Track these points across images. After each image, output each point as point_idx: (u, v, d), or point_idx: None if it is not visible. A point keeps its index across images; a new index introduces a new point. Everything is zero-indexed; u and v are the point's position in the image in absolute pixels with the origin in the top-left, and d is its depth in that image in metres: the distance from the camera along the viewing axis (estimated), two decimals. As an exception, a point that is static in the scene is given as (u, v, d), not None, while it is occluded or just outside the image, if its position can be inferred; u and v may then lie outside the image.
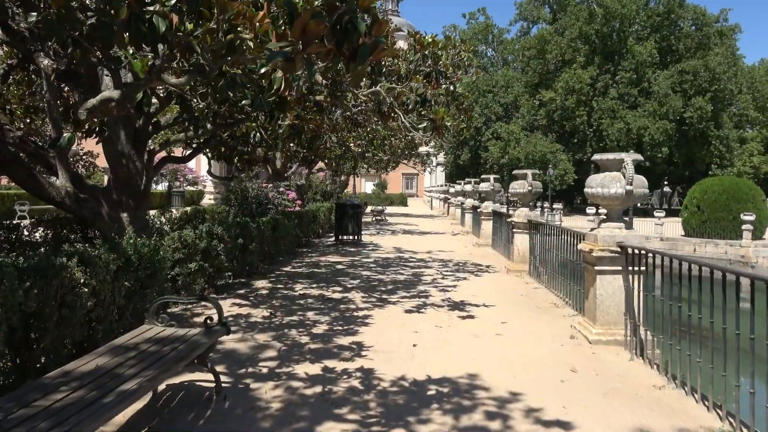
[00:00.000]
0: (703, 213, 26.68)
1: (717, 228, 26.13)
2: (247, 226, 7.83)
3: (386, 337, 5.03)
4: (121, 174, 7.51)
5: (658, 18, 41.79)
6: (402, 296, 7.08)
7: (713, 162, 40.28)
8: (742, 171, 41.21)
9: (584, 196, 40.95)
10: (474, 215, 16.46)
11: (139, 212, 7.66)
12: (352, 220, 13.06)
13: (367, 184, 57.08)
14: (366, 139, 16.45)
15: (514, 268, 9.14)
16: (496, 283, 8.29)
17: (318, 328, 5.31)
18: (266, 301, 6.52)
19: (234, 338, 4.87)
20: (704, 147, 39.84)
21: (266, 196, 12.50)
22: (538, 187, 8.97)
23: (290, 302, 6.48)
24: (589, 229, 5.46)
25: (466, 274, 9.11)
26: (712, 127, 39.09)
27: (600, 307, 5.02)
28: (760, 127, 45.92)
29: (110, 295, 4.31)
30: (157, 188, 35.00)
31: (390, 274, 8.87)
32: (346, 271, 9.10)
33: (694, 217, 27.13)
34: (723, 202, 26.48)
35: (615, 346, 4.90)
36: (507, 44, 50.93)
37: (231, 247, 7.17)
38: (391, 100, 5.74)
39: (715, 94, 38.80)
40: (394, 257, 11.20)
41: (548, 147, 39.33)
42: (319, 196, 21.32)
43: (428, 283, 8.16)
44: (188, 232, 6.20)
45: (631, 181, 4.86)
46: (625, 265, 4.92)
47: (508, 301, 6.96)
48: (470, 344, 4.91)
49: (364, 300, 6.77)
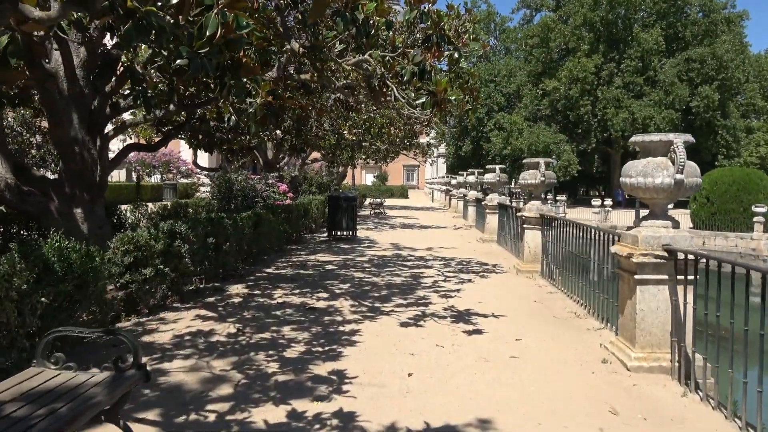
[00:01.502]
0: (712, 205, 25.82)
1: (727, 220, 25.23)
2: (220, 223, 6.84)
3: (375, 363, 4.07)
4: (74, 164, 6.52)
5: (664, 4, 40.48)
6: (398, 304, 6.11)
7: (719, 152, 39.30)
8: (749, 162, 40.22)
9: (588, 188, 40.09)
10: (478, 208, 15.48)
11: (95, 207, 6.66)
12: (346, 214, 12.06)
13: (368, 176, 56.06)
14: (362, 128, 15.45)
15: (525, 268, 8.17)
16: (505, 286, 7.32)
17: (292, 350, 4.34)
18: (237, 312, 5.55)
19: (184, 366, 3.91)
20: (710, 137, 38.83)
21: (253, 188, 11.51)
22: (552, 177, 7.97)
23: (265, 313, 5.51)
24: (626, 227, 4.47)
25: (471, 275, 8.14)
26: (718, 117, 38.03)
27: (641, 326, 4.04)
28: (766, 117, 44.79)
29: (16, 317, 3.34)
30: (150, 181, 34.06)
31: (385, 276, 7.89)
32: (336, 272, 8.12)
33: (703, 209, 26.25)
34: (733, 194, 25.62)
35: (660, 374, 3.93)
36: (509, 33, 49.74)
37: (199, 247, 6.19)
38: (382, 71, 4.74)
39: (722, 82, 37.71)
40: (391, 255, 10.23)
41: (552, 137, 38.30)
42: (315, 188, 20.30)
43: (428, 286, 7.19)
44: (142, 232, 5.22)
45: (682, 168, 3.86)
46: (673, 274, 3.94)
47: (520, 309, 5.99)
48: (479, 373, 3.94)
49: (353, 309, 5.80)
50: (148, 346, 4.35)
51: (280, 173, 14.73)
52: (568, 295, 6.58)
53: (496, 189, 12.48)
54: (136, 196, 18.71)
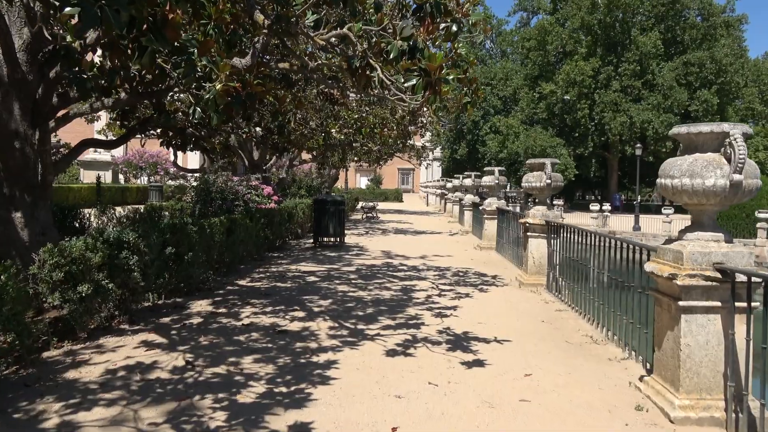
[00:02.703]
0: (714, 210, 25.29)
1: (729, 226, 24.66)
2: (182, 230, 5.97)
3: (351, 411, 3.22)
4: (13, 161, 5.62)
5: (662, 7, 40.03)
6: (385, 325, 5.25)
7: (719, 157, 38.79)
8: (748, 167, 39.80)
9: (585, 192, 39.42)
10: (474, 213, 14.67)
11: (38, 211, 5.77)
12: (334, 219, 11.20)
13: (362, 179, 55.20)
14: (353, 127, 14.60)
15: (529, 280, 7.34)
16: (508, 302, 6.49)
17: (249, 391, 3.48)
18: (192, 337, 4.67)
19: (104, 418, 3.03)
20: (709, 142, 38.30)
21: (233, 190, 10.63)
22: (559, 179, 7.16)
23: (226, 339, 4.64)
24: (663, 240, 3.65)
25: (469, 288, 7.30)
26: (717, 121, 37.53)
27: (686, 364, 3.21)
28: (765, 122, 44.41)
29: None
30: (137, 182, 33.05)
31: (373, 290, 7.04)
32: (318, 285, 7.25)
33: (703, 214, 25.70)
34: (735, 199, 25.10)
35: (713, 427, 3.10)
36: (506, 35, 49.26)
37: (153, 258, 5.31)
38: (364, 47, 3.91)
39: (721, 86, 37.26)
40: (381, 265, 9.37)
41: (548, 141, 37.69)
42: (304, 191, 19.41)
43: (421, 303, 6.35)
44: (76, 242, 4.35)
45: (741, 167, 3.05)
46: (728, 300, 3.11)
47: (527, 331, 5.15)
48: (483, 425, 3.10)
49: (332, 333, 4.94)
50: (69, 385, 3.48)
51: (264, 175, 13.85)
52: (580, 314, 5.76)
53: (494, 192, 11.67)
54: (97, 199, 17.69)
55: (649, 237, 25.82)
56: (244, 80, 4.79)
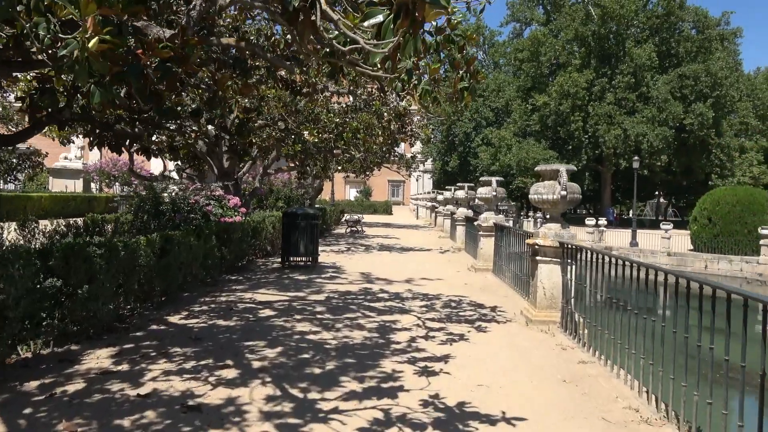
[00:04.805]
0: (714, 226, 24.18)
1: (730, 242, 23.51)
2: (80, 253, 4.40)
3: None
4: None
5: (657, 20, 39.44)
6: (347, 393, 3.70)
7: (713, 171, 38.05)
8: (742, 181, 39.01)
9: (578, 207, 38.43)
10: (468, 228, 13.21)
11: None
12: (305, 235, 9.63)
13: (351, 190, 53.66)
14: (334, 132, 13.15)
15: (538, 316, 5.83)
16: (515, 348, 4.97)
17: None
18: (50, 422, 3.09)
19: None
20: (704, 155, 37.53)
21: (186, 201, 9.07)
22: (576, 191, 5.66)
23: (100, 425, 3.06)
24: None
25: (464, 326, 5.78)
26: (713, 135, 36.74)
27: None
28: (760, 136, 43.79)
29: None
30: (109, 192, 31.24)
31: (341, 329, 5.49)
32: (270, 323, 5.67)
33: (704, 230, 24.58)
34: (737, 214, 23.99)
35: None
36: (498, 47, 48.47)
37: (20, 295, 3.74)
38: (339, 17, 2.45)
39: (716, 100, 36.49)
40: (358, 291, 7.83)
41: (541, 154, 36.56)
42: (282, 203, 17.84)
43: (401, 350, 4.81)
44: None
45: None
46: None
47: (546, 401, 3.65)
48: None
49: (268, 409, 3.38)
50: None
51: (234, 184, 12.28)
52: (612, 368, 4.26)
53: (491, 206, 10.21)
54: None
55: (647, 254, 24.62)
56: (145, 42, 3.28)
